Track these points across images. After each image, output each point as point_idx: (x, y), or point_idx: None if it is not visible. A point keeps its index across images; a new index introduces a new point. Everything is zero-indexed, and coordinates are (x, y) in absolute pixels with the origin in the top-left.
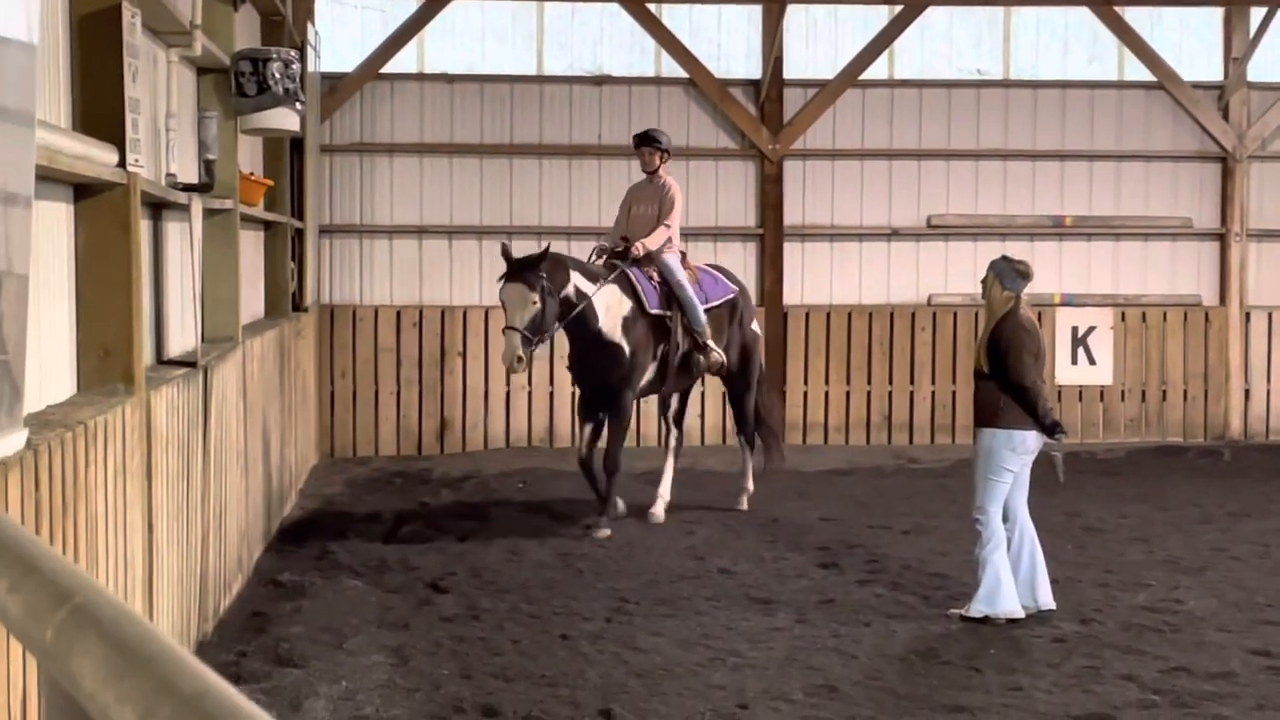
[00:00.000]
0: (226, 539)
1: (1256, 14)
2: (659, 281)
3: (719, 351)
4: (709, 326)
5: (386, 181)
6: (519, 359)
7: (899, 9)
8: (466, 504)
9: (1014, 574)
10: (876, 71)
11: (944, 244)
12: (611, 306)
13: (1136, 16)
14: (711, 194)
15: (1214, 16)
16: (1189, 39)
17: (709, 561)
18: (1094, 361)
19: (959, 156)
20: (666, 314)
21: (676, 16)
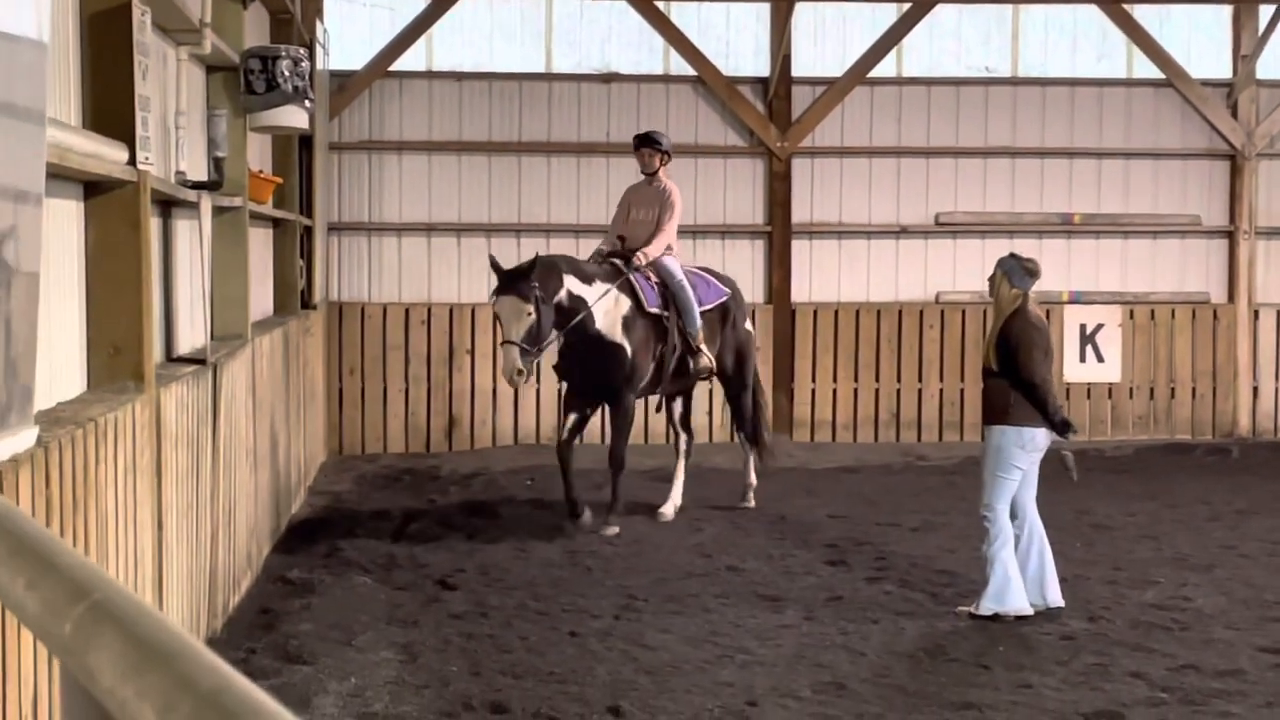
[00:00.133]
0: (236, 536)
1: (1265, 11)
2: (657, 282)
3: (709, 356)
4: (703, 331)
5: (395, 179)
6: (519, 372)
7: (907, 6)
8: (475, 501)
9: (1023, 572)
10: (885, 69)
11: (952, 242)
12: (610, 307)
13: (1145, 14)
14: (719, 192)
15: (1223, 14)
16: (1198, 36)
17: (717, 559)
18: (1102, 359)
19: (967, 154)
20: (664, 314)
21: (685, 14)
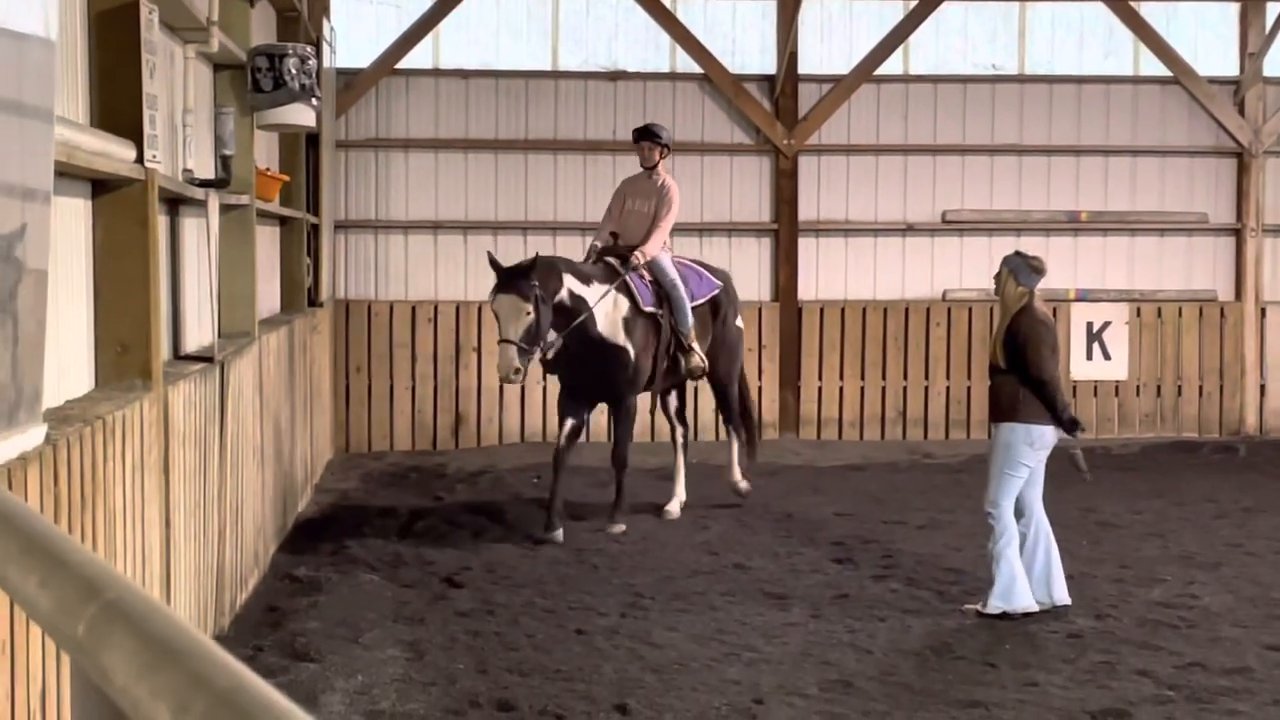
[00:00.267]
0: (243, 534)
1: (1273, 9)
2: (651, 280)
3: (700, 355)
4: (694, 328)
5: (402, 177)
6: (516, 370)
7: (914, 4)
8: (481, 499)
9: (1029, 569)
10: (891, 67)
11: (959, 239)
12: (610, 309)
13: (1152, 11)
14: (726, 189)
15: (1230, 11)
16: (1205, 34)
17: (723, 557)
18: (1109, 357)
19: (974, 152)
20: (659, 312)
21: (691, 12)
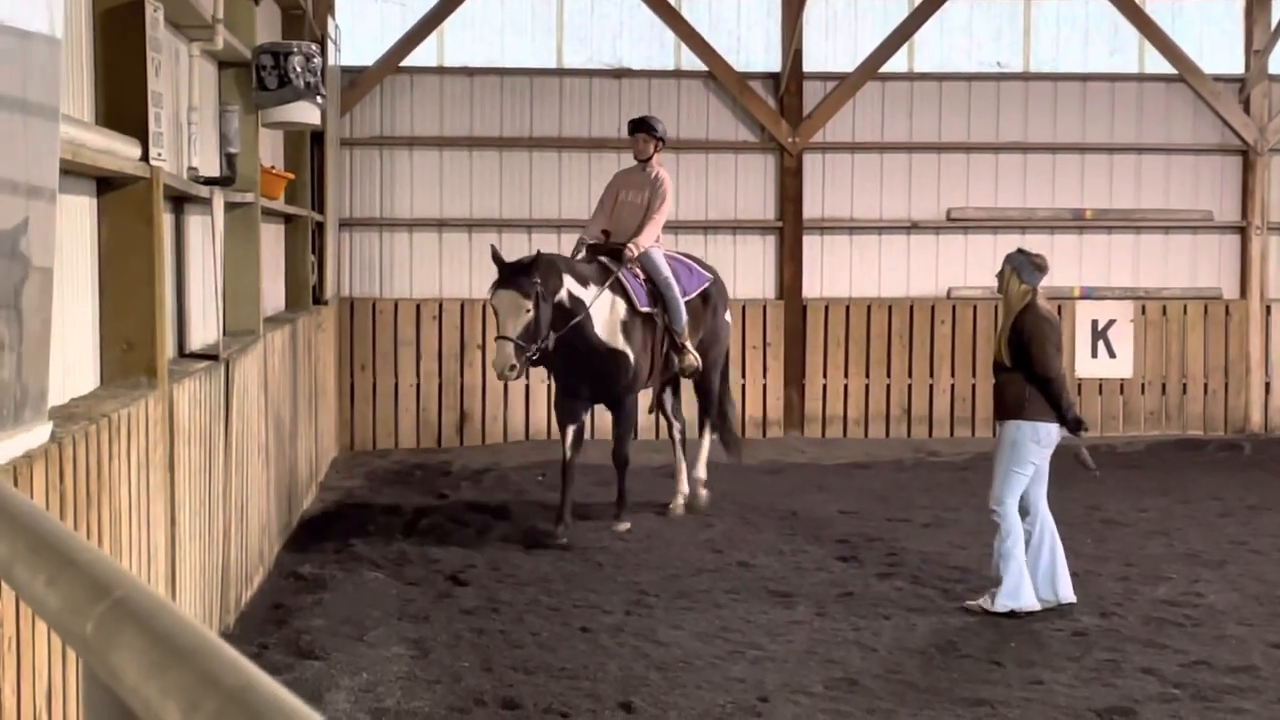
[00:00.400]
0: (248, 531)
1: (1278, 6)
2: (644, 278)
3: (694, 354)
4: (687, 324)
5: (406, 175)
6: (512, 368)
7: (919, 2)
8: (486, 497)
9: (1034, 567)
10: (896, 64)
11: (963, 237)
12: (607, 312)
13: (1157, 9)
14: (731, 187)
15: (1235, 9)
16: (1210, 31)
17: (728, 555)
18: (1114, 354)
19: (979, 149)
20: (654, 311)
21: (696, 9)
